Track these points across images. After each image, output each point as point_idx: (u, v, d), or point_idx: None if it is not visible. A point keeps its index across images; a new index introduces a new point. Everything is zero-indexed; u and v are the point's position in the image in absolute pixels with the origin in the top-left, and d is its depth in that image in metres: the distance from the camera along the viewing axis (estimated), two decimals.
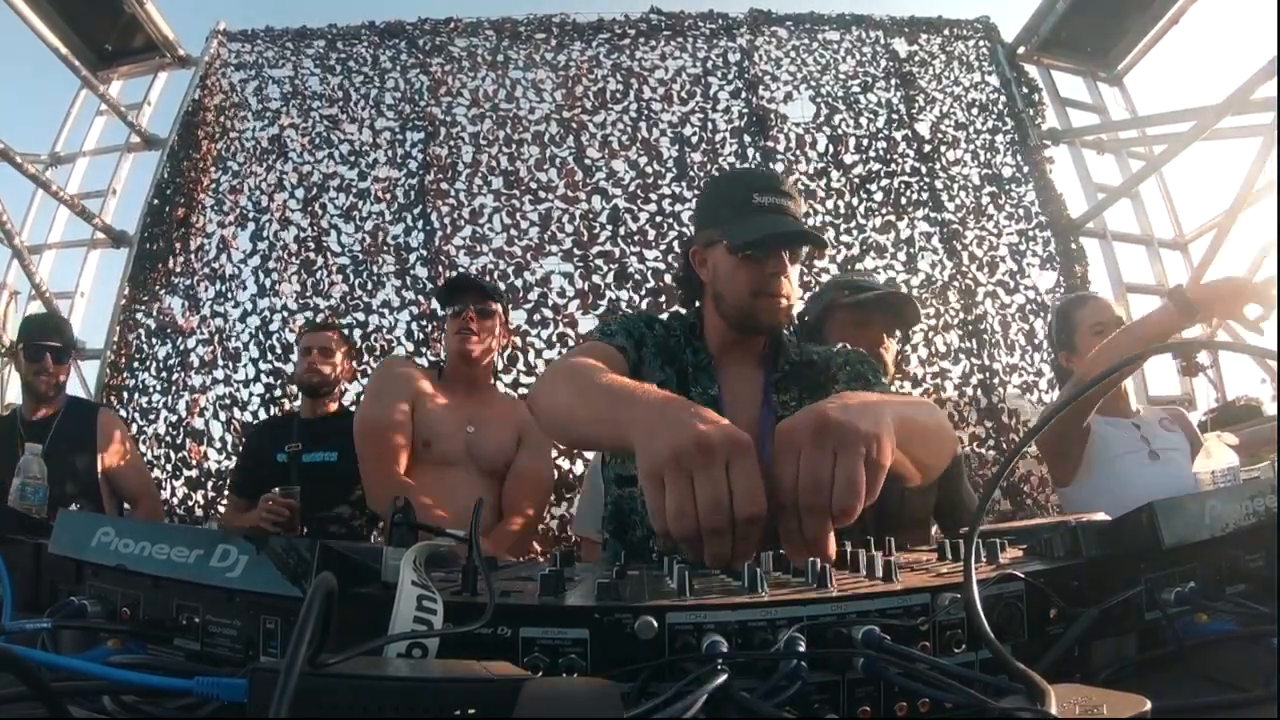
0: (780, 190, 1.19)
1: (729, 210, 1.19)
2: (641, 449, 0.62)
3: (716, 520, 0.55)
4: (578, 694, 0.34)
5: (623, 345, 1.19)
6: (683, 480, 0.57)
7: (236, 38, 4.24)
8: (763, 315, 1.19)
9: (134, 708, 0.47)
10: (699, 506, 0.56)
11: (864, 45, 4.23)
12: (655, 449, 0.59)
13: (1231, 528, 0.65)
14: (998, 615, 0.53)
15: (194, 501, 3.33)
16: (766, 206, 1.17)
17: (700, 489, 0.56)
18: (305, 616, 0.34)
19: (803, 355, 1.29)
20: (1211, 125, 3.30)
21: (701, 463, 0.57)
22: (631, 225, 3.61)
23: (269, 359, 3.47)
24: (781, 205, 1.18)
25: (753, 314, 1.19)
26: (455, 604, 0.49)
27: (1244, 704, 0.46)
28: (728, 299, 1.21)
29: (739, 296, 1.19)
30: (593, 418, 0.81)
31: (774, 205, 1.17)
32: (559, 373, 1.00)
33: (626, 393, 0.76)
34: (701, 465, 0.57)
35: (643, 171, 3.71)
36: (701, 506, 0.56)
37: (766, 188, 1.19)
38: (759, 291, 1.17)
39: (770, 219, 1.16)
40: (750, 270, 1.17)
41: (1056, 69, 4.38)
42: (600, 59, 4.04)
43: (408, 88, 3.98)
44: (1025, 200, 3.94)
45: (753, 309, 1.19)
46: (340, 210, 3.71)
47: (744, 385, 1.24)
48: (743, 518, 0.56)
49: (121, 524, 0.62)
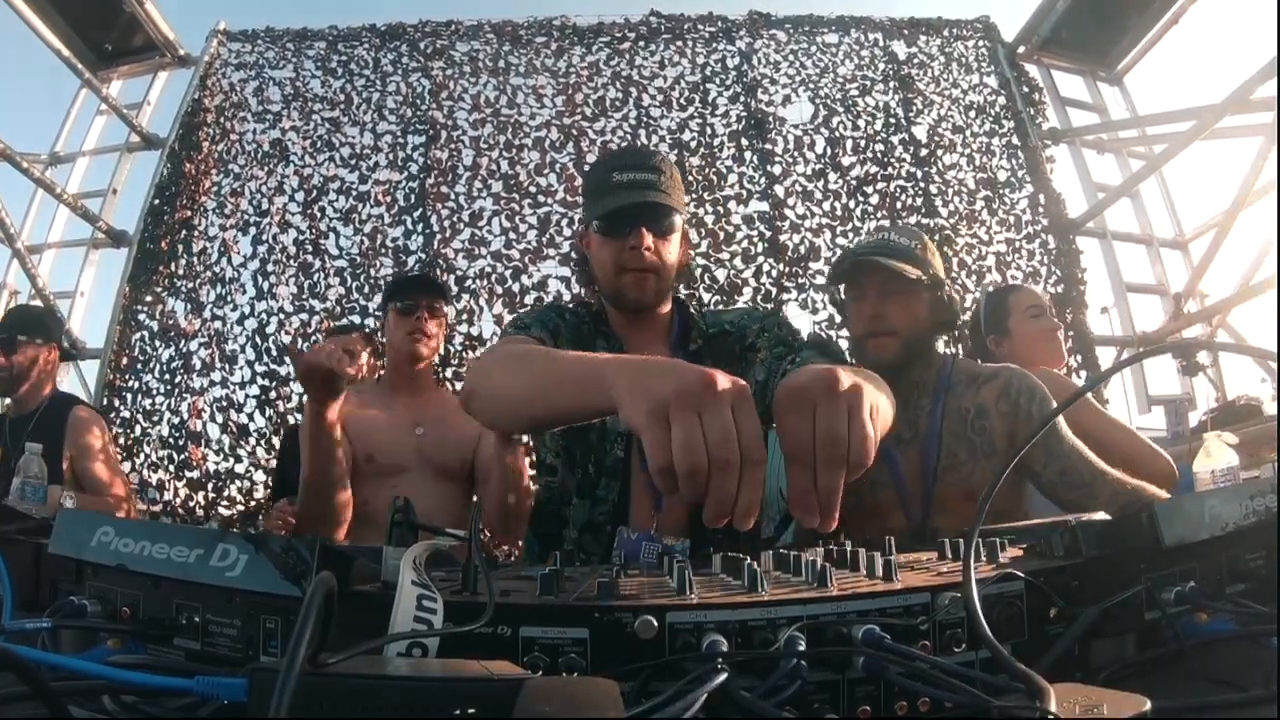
0: (643, 165, 1.19)
1: (592, 193, 1.21)
2: (637, 393, 0.61)
3: (727, 451, 0.55)
4: (578, 693, 0.34)
5: (540, 337, 1.17)
6: (690, 416, 0.56)
7: (236, 38, 4.24)
8: (629, 290, 1.18)
9: (134, 708, 0.47)
10: (709, 439, 0.55)
11: (863, 48, 4.24)
12: (658, 388, 0.59)
13: (1231, 528, 0.65)
14: (997, 615, 0.53)
15: (195, 503, 3.34)
16: (625, 183, 1.17)
17: (709, 424, 0.56)
18: (305, 616, 0.34)
19: (714, 326, 1.28)
20: (1211, 125, 3.31)
21: (711, 400, 0.57)
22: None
23: (264, 361, 3.48)
24: (642, 180, 1.17)
25: (620, 290, 1.19)
26: (455, 603, 0.49)
27: (1244, 704, 0.46)
28: (602, 279, 1.22)
29: (606, 274, 1.20)
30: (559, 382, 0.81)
31: (633, 181, 1.17)
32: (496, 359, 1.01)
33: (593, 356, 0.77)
34: (711, 402, 0.57)
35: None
36: (711, 439, 0.55)
37: (628, 165, 1.20)
38: (621, 266, 1.17)
39: (626, 193, 1.16)
40: (612, 246, 1.17)
41: (1056, 69, 4.38)
42: (600, 66, 4.05)
43: (409, 91, 3.99)
44: (1018, 207, 3.95)
45: (619, 285, 1.19)
46: (340, 213, 3.72)
47: None
48: (751, 459, 0.56)
49: (121, 524, 0.62)
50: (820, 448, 0.58)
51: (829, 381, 0.60)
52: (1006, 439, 1.39)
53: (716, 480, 0.55)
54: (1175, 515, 0.62)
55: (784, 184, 3.84)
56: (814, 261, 3.70)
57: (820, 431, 0.59)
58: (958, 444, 1.41)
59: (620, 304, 1.22)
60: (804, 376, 0.62)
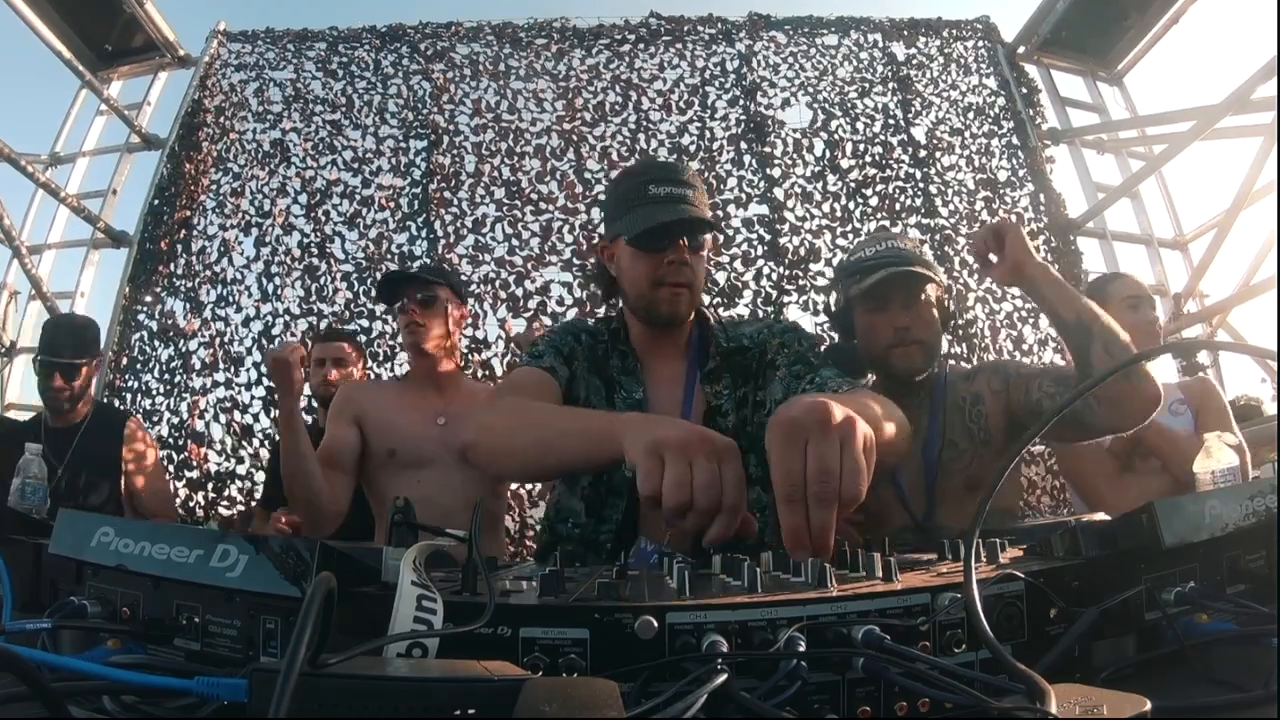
0: (678, 180, 1.18)
1: (627, 204, 1.19)
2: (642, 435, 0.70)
3: (709, 500, 0.64)
4: (578, 694, 0.34)
5: (552, 365, 1.18)
6: (683, 462, 0.65)
7: (237, 38, 4.24)
8: (663, 305, 1.18)
9: (134, 708, 0.47)
10: (695, 485, 0.64)
11: (862, 50, 4.23)
12: (660, 434, 0.68)
13: (1231, 528, 0.65)
14: (998, 615, 0.53)
15: (195, 502, 3.34)
16: (662, 197, 1.16)
17: (699, 471, 0.65)
18: (305, 616, 0.34)
19: (733, 340, 1.27)
20: (1211, 125, 3.31)
21: (703, 453, 0.65)
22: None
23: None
24: (679, 194, 1.17)
25: (654, 305, 1.19)
26: (455, 604, 0.49)
27: (1244, 704, 0.46)
28: (631, 293, 1.22)
29: (640, 288, 1.19)
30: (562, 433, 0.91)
31: (670, 195, 1.16)
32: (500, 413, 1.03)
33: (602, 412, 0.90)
34: (702, 455, 0.65)
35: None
36: (698, 487, 0.64)
37: (662, 178, 1.19)
38: (658, 281, 1.17)
39: (665, 208, 1.15)
40: (649, 261, 1.17)
41: (1056, 69, 4.38)
42: (600, 69, 4.05)
43: (410, 94, 3.99)
44: (1019, 206, 3.94)
45: (654, 300, 1.18)
46: (344, 217, 3.72)
47: (670, 385, 1.24)
48: (729, 504, 0.64)
49: (121, 524, 0.62)
50: (812, 484, 0.59)
51: (821, 415, 0.61)
52: (1003, 417, 1.41)
53: (693, 519, 0.64)
54: (1175, 516, 0.62)
55: (783, 186, 3.84)
56: (814, 263, 3.70)
57: (812, 467, 0.59)
58: (956, 433, 1.44)
59: (653, 318, 1.21)
60: (796, 409, 0.63)
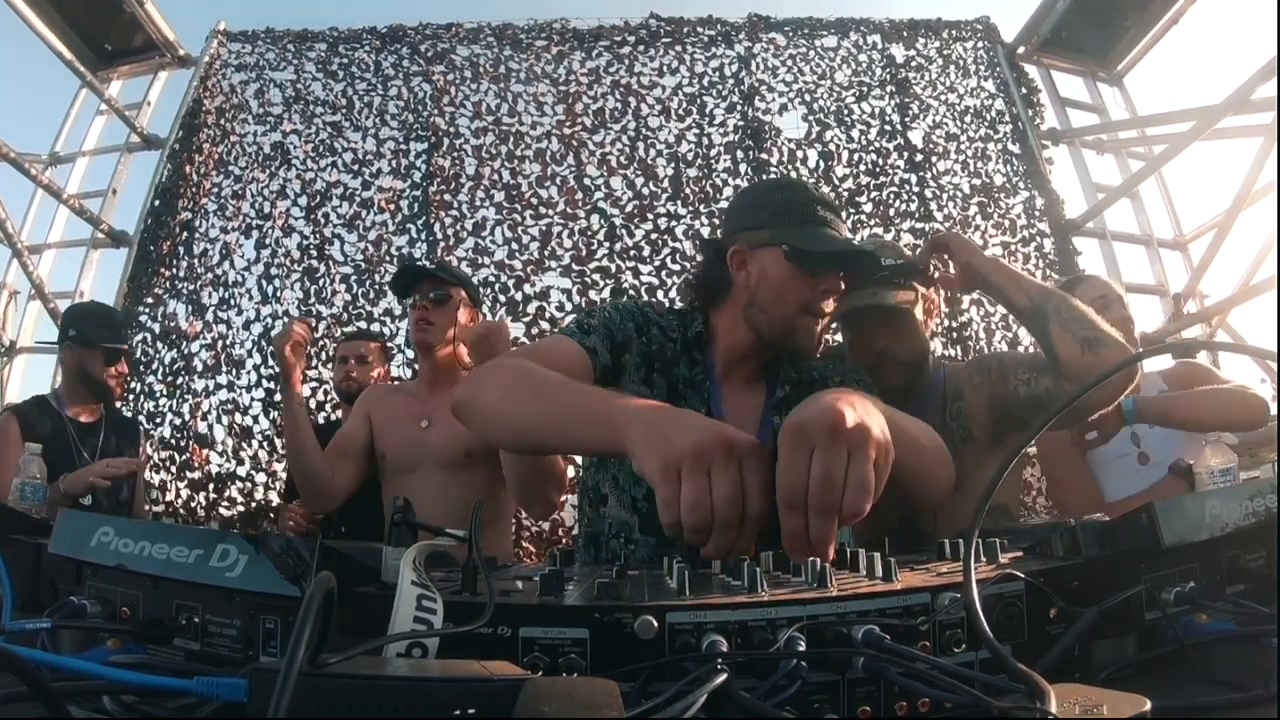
0: (836, 209, 1.13)
1: (790, 216, 1.10)
2: (652, 445, 0.63)
3: (731, 514, 0.58)
4: (578, 694, 0.34)
5: (594, 348, 1.08)
6: (700, 475, 0.59)
7: (237, 38, 4.24)
8: (800, 334, 1.11)
9: (134, 708, 0.47)
10: (715, 501, 0.58)
11: (861, 52, 4.22)
12: (674, 444, 0.61)
13: (1231, 528, 0.65)
14: (998, 615, 0.53)
15: (196, 503, 3.34)
16: (830, 221, 1.11)
17: (718, 485, 0.58)
18: (304, 616, 0.34)
19: (802, 374, 1.20)
20: (1211, 125, 3.30)
21: (722, 460, 0.59)
22: (628, 241, 3.66)
23: (270, 365, 3.48)
24: (839, 223, 1.12)
25: (792, 330, 1.11)
26: (455, 604, 0.49)
27: (1244, 704, 0.46)
28: (770, 309, 1.11)
29: (784, 309, 1.10)
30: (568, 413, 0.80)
31: (834, 221, 1.11)
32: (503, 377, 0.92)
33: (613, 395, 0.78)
34: (721, 462, 0.59)
35: (639, 193, 3.74)
36: (718, 501, 0.58)
37: (833, 205, 1.13)
38: (807, 308, 1.09)
39: (841, 239, 1.10)
40: (807, 282, 1.08)
41: (1056, 69, 4.37)
42: (600, 73, 4.04)
43: (410, 96, 3.98)
44: (1013, 211, 3.93)
45: (795, 325, 1.10)
46: (343, 219, 3.72)
47: (743, 409, 1.17)
48: (753, 515, 0.59)
49: (121, 524, 0.62)
50: (813, 494, 0.57)
51: (832, 420, 0.58)
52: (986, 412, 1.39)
53: (717, 536, 0.58)
54: (1175, 515, 0.62)
55: None
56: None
57: (815, 476, 0.57)
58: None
59: (782, 342, 1.13)
60: (809, 410, 0.60)
